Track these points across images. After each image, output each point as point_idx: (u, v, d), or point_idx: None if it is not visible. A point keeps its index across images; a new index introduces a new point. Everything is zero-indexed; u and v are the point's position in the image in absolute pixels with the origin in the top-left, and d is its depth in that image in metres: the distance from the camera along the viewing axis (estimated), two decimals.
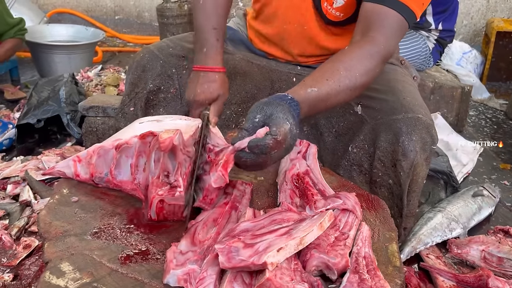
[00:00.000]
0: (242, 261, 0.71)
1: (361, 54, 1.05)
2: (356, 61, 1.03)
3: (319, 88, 0.97)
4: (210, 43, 1.23)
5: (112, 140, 1.01)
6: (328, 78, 0.99)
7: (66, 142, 2.32)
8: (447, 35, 2.68)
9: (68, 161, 1.02)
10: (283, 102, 0.88)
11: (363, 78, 1.03)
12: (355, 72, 1.02)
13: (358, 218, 0.87)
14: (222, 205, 0.93)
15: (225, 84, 1.24)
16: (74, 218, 0.91)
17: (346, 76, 1.01)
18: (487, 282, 1.39)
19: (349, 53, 1.05)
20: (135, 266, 0.80)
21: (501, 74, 3.83)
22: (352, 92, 1.03)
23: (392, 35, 1.08)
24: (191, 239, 0.83)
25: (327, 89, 0.98)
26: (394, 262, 0.83)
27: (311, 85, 0.97)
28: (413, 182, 1.13)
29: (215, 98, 1.21)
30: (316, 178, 1.04)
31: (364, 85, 1.05)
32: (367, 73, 1.03)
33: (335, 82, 0.99)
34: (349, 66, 1.02)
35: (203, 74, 1.22)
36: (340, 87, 0.99)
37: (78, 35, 3.53)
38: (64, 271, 0.77)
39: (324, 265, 0.75)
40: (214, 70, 1.22)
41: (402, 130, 1.11)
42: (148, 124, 1.07)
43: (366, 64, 1.03)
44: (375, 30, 1.07)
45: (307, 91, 0.96)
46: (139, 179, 0.97)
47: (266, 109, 0.86)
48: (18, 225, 1.58)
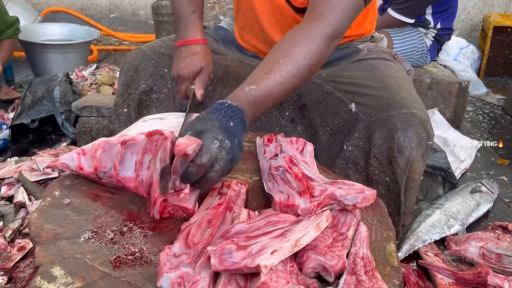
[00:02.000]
0: (234, 264, 0.69)
1: (302, 35, 0.99)
2: (297, 44, 0.98)
3: (258, 84, 0.94)
4: (187, 17, 1.23)
5: (119, 135, 1.00)
6: (267, 71, 0.96)
7: (61, 142, 2.30)
8: (445, 33, 2.69)
9: (72, 154, 1.00)
10: (215, 115, 0.86)
11: (306, 60, 0.97)
12: (296, 57, 0.96)
13: (357, 218, 0.85)
14: (217, 206, 0.92)
15: (208, 55, 1.23)
16: (66, 221, 0.89)
17: (287, 63, 0.96)
18: (486, 279, 1.38)
19: (290, 37, 1.00)
20: (128, 269, 0.78)
21: (498, 69, 3.83)
22: (299, 78, 0.98)
23: (340, 9, 1.00)
24: (185, 241, 0.81)
25: (267, 82, 0.94)
26: (392, 262, 0.81)
27: (250, 83, 0.94)
28: (410, 179, 1.12)
29: (199, 70, 1.20)
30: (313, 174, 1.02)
31: (310, 68, 0.99)
32: (310, 55, 0.97)
33: (275, 73, 0.95)
34: (288, 51, 0.97)
35: (184, 49, 1.21)
36: (281, 76, 0.95)
37: (72, 34, 3.50)
38: (56, 275, 0.75)
39: (321, 267, 0.73)
40: (195, 42, 1.21)
41: (397, 127, 1.09)
42: (152, 122, 1.06)
43: (308, 45, 0.98)
44: (321, 6, 1.01)
45: (246, 91, 0.93)
46: (142, 176, 0.96)
47: (196, 126, 0.84)
48: (12, 227, 1.56)
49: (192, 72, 1.19)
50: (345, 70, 1.28)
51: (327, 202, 0.89)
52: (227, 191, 0.96)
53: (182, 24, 1.23)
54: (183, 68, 1.19)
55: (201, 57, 1.20)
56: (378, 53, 1.32)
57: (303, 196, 0.89)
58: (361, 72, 1.26)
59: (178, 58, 1.22)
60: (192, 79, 1.20)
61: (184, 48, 1.21)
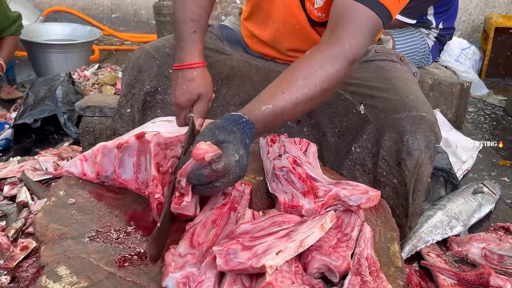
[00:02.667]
0: (240, 264, 0.69)
1: (323, 58, 0.98)
2: (317, 66, 0.96)
3: (274, 104, 0.92)
4: (187, 37, 1.15)
5: (115, 139, 1.01)
6: (284, 90, 0.94)
7: (63, 142, 2.30)
8: (447, 32, 2.68)
9: (75, 161, 1.02)
10: (236, 127, 0.84)
11: (324, 84, 0.96)
12: (315, 80, 0.95)
13: (361, 219, 0.86)
14: (221, 206, 0.92)
15: (206, 80, 1.15)
16: (71, 221, 0.90)
17: (305, 85, 0.94)
18: (488, 280, 1.38)
19: (310, 58, 0.98)
20: (133, 269, 0.78)
21: (499, 70, 3.82)
22: (312, 102, 0.97)
23: (360, 33, 1.00)
24: (190, 241, 0.82)
25: (282, 103, 0.93)
26: (396, 262, 0.82)
27: (266, 101, 0.93)
28: (418, 181, 1.12)
29: (196, 98, 1.12)
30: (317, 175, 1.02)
31: (326, 92, 0.98)
32: (328, 79, 0.97)
33: (292, 94, 0.93)
34: (308, 73, 0.95)
35: (181, 74, 1.14)
36: (297, 98, 0.94)
37: (74, 33, 3.51)
38: (61, 275, 0.75)
39: (325, 267, 0.74)
40: (192, 66, 1.13)
41: (406, 129, 1.09)
42: (161, 123, 1.07)
43: (328, 69, 0.97)
44: (342, 29, 1.00)
45: (262, 109, 0.91)
46: (141, 178, 0.97)
47: (218, 135, 0.82)
48: (15, 226, 1.57)
49: (189, 100, 1.12)
50: (353, 71, 1.28)
51: (331, 203, 0.89)
52: (231, 191, 0.97)
53: (180, 44, 1.15)
54: (179, 96, 1.12)
55: (199, 84, 1.13)
56: (386, 55, 1.33)
57: (307, 197, 0.89)
58: (369, 73, 1.26)
59: (175, 85, 1.14)
60: (190, 107, 1.13)
61: (181, 73, 1.14)
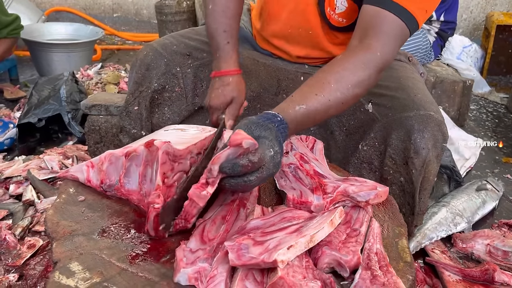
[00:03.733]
0: (252, 259, 0.70)
1: (355, 64, 0.99)
2: (349, 71, 0.98)
3: (307, 104, 0.93)
4: (222, 47, 1.23)
5: (124, 147, 0.99)
6: (317, 92, 0.95)
7: (67, 141, 2.31)
8: (448, 27, 2.67)
9: (82, 166, 1.00)
10: (272, 124, 0.85)
11: (356, 90, 0.98)
12: (347, 84, 0.96)
13: (369, 214, 0.86)
14: (230, 203, 0.93)
15: (240, 85, 1.23)
16: (81, 218, 0.90)
17: (337, 88, 0.96)
18: (493, 276, 1.39)
19: (342, 62, 1.00)
20: (145, 265, 0.79)
21: (501, 68, 3.83)
22: (344, 106, 0.98)
23: (390, 42, 1.02)
24: (200, 237, 0.82)
25: (316, 105, 0.94)
26: (405, 257, 0.82)
27: (299, 101, 0.93)
28: (424, 180, 1.12)
29: (229, 101, 1.20)
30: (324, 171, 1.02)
31: (357, 97, 1.00)
32: (360, 84, 0.98)
33: (325, 97, 0.94)
34: (340, 77, 0.97)
35: (217, 79, 1.23)
36: (330, 101, 0.95)
37: (77, 33, 3.51)
38: (74, 271, 0.76)
39: (336, 262, 0.74)
40: (228, 73, 1.22)
41: (414, 128, 1.09)
42: (173, 132, 1.06)
43: (360, 75, 0.98)
44: (372, 36, 1.02)
45: (296, 109, 0.92)
46: (145, 189, 0.93)
47: (254, 131, 0.82)
48: (22, 225, 1.58)
49: (223, 103, 1.20)
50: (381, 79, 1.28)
51: (340, 199, 0.90)
52: None
53: (217, 55, 1.24)
54: (214, 98, 1.21)
55: (233, 88, 1.21)
56: None
57: (316, 193, 0.90)
58: None
59: (211, 89, 1.23)
60: (223, 109, 1.21)
61: (217, 79, 1.23)
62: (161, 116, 1.39)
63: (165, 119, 1.39)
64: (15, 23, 2.80)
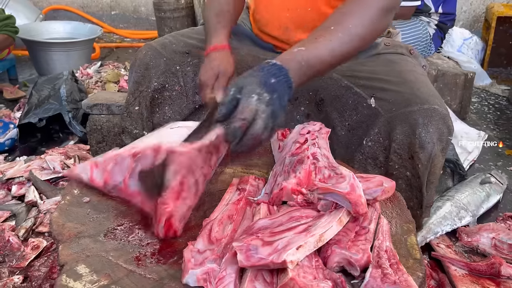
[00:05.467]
0: (261, 260, 0.69)
1: (355, 6, 0.97)
2: (349, 14, 0.96)
3: (306, 46, 0.92)
4: (212, 27, 1.28)
5: (130, 146, 0.97)
6: (317, 36, 0.94)
7: (68, 140, 2.30)
8: (447, 18, 2.65)
9: (86, 165, 0.98)
10: (257, 72, 0.85)
11: (358, 29, 0.95)
12: (347, 24, 0.95)
13: (377, 211, 0.86)
14: (236, 202, 0.92)
15: (227, 58, 1.23)
16: (87, 219, 0.90)
17: (337, 30, 0.95)
18: (500, 269, 1.38)
19: (342, 8, 0.99)
20: (153, 266, 0.79)
21: (502, 60, 3.81)
22: (350, 46, 0.96)
23: None
24: (208, 237, 0.82)
25: (317, 45, 0.93)
26: (414, 254, 0.82)
27: (298, 45, 0.93)
28: (430, 174, 1.11)
29: (217, 74, 1.21)
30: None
31: (364, 38, 0.98)
32: (363, 24, 0.96)
33: (325, 38, 0.93)
34: (339, 20, 0.96)
35: (206, 58, 1.25)
36: (332, 41, 0.93)
37: (75, 31, 3.50)
38: (81, 273, 0.75)
39: (346, 261, 0.74)
40: (216, 48, 1.24)
41: (418, 122, 1.08)
42: (179, 129, 1.04)
43: (361, 15, 0.96)
44: None
45: (293, 51, 0.92)
46: None
47: (238, 82, 0.84)
48: (25, 226, 1.57)
49: (211, 77, 1.20)
50: (363, 64, 1.27)
51: None
52: (246, 187, 0.97)
53: (207, 37, 1.28)
54: (203, 73, 1.23)
55: (220, 62, 1.22)
56: (395, 48, 1.32)
57: None
58: (379, 66, 1.25)
59: (202, 66, 1.25)
60: (212, 84, 1.21)
61: (206, 58, 1.25)
62: (162, 116, 1.38)
63: (166, 118, 1.38)
64: (8, 20, 2.74)
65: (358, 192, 0.80)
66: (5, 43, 2.77)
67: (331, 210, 0.83)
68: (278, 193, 0.89)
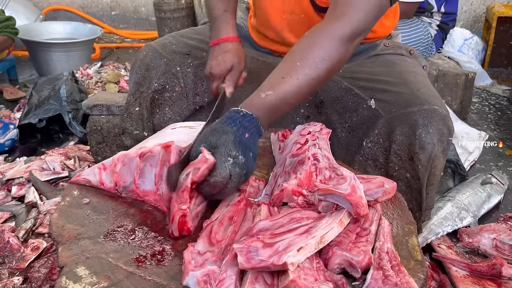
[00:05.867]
0: (261, 262, 0.69)
1: (321, 36, 0.96)
2: (315, 46, 0.94)
3: (275, 89, 0.92)
4: (220, 17, 1.26)
5: (137, 147, 0.97)
6: (284, 75, 0.93)
7: (68, 141, 2.30)
8: (449, 18, 2.64)
9: (94, 169, 0.98)
10: (230, 126, 0.85)
11: (325, 63, 0.94)
12: (313, 59, 0.93)
13: (378, 212, 0.85)
14: (237, 203, 0.91)
15: (240, 53, 1.24)
16: (86, 221, 0.89)
17: (304, 65, 0.93)
18: (501, 270, 1.38)
19: (308, 38, 0.97)
20: (153, 268, 0.78)
21: (502, 60, 3.81)
22: (317, 81, 0.95)
23: (363, 9, 0.96)
24: (208, 238, 0.81)
25: (284, 87, 0.92)
26: (415, 256, 0.81)
27: (266, 89, 0.93)
28: (431, 175, 1.11)
29: (229, 68, 1.21)
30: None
31: (330, 70, 0.96)
32: (329, 57, 0.94)
33: (292, 77, 0.92)
34: (306, 53, 0.94)
35: (217, 47, 1.23)
36: (299, 80, 0.92)
37: (75, 32, 3.49)
38: (81, 275, 0.75)
39: (347, 263, 0.73)
40: (227, 40, 1.23)
41: (418, 123, 1.08)
42: (180, 130, 1.04)
43: (327, 47, 0.94)
44: (344, 4, 0.97)
45: (261, 97, 0.91)
46: (162, 189, 0.92)
47: (211, 139, 0.84)
48: (25, 227, 1.57)
49: (223, 70, 1.21)
50: (363, 65, 1.27)
51: None
52: (246, 188, 0.96)
53: (215, 24, 1.26)
54: (214, 66, 1.21)
55: (233, 55, 1.22)
56: (395, 49, 1.32)
57: None
58: (379, 67, 1.25)
59: (211, 57, 1.24)
60: (223, 77, 1.21)
61: (217, 47, 1.23)
62: (162, 117, 1.38)
63: (167, 119, 1.38)
64: (8, 22, 2.73)
65: (359, 193, 0.79)
66: (5, 44, 2.78)
67: (332, 212, 0.83)
68: (278, 194, 0.89)
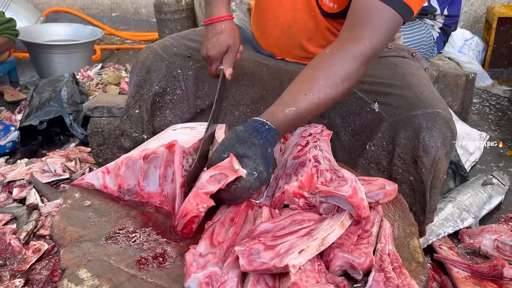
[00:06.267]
0: (263, 264, 0.69)
1: (343, 57, 0.98)
2: (337, 65, 0.97)
3: (297, 105, 0.94)
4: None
5: (140, 149, 0.97)
6: (307, 92, 0.95)
7: (69, 143, 2.30)
8: (452, 21, 2.64)
9: (97, 173, 0.98)
10: (257, 138, 0.87)
11: (345, 84, 0.98)
12: (336, 79, 0.97)
13: (379, 214, 0.85)
14: (238, 204, 0.91)
15: (234, 32, 1.23)
16: (88, 223, 0.89)
17: (326, 85, 0.96)
18: (502, 271, 1.38)
19: (331, 57, 0.99)
20: (154, 270, 0.78)
21: (503, 61, 3.81)
22: (334, 101, 0.99)
23: (381, 32, 1.00)
24: (210, 240, 0.81)
25: (306, 105, 0.95)
26: (417, 258, 0.81)
27: (289, 103, 0.94)
28: (434, 178, 1.11)
29: (226, 49, 1.20)
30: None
31: (346, 91, 1.00)
32: (349, 78, 0.98)
33: (314, 95, 0.95)
34: (329, 72, 0.97)
35: (210, 27, 1.23)
36: (320, 99, 0.96)
37: (76, 33, 3.49)
38: (82, 278, 0.75)
39: (348, 265, 0.73)
40: (220, 19, 1.22)
41: (422, 126, 1.08)
42: (182, 131, 1.04)
43: (348, 68, 0.97)
44: (362, 27, 0.99)
45: (285, 112, 0.93)
46: (167, 190, 0.93)
47: (238, 148, 0.86)
48: (27, 229, 1.57)
49: (220, 52, 1.20)
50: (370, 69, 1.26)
51: None
52: None
53: (208, 1, 1.24)
54: (210, 48, 1.20)
55: (227, 35, 1.20)
56: (397, 51, 1.32)
57: None
58: (382, 70, 1.25)
59: (206, 38, 1.23)
60: (221, 59, 1.21)
61: (210, 27, 1.22)
62: (163, 119, 1.38)
63: (167, 122, 1.37)
64: (8, 24, 2.73)
65: (360, 195, 0.79)
66: (6, 46, 2.78)
67: (333, 214, 0.83)
68: (280, 196, 0.89)
